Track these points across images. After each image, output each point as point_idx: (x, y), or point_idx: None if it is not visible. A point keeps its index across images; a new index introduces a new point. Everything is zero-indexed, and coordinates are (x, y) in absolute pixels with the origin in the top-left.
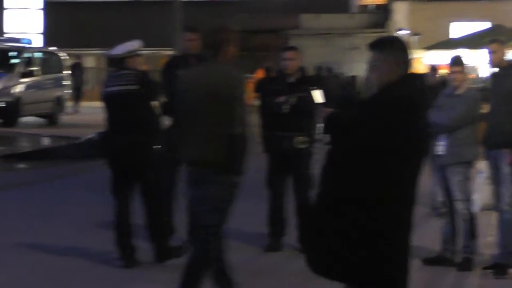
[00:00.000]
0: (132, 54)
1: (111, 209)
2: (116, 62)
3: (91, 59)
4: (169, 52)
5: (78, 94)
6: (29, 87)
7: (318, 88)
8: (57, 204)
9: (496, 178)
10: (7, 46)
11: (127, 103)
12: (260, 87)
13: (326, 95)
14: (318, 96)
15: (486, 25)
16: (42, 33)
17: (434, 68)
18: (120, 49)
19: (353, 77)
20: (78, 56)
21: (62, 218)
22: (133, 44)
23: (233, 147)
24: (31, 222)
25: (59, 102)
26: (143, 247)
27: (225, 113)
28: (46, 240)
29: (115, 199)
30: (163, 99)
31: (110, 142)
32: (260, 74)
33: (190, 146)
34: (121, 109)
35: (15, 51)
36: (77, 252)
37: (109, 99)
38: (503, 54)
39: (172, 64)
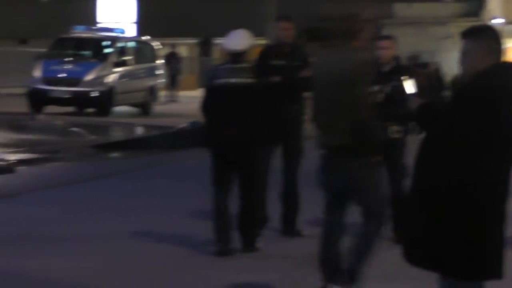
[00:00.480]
0: (250, 47)
1: (204, 198)
2: (234, 55)
3: (183, 49)
4: (261, 41)
5: (173, 83)
6: (122, 76)
7: (410, 77)
8: (149, 193)
9: None
10: (101, 36)
11: (243, 95)
12: None
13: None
14: (410, 85)
15: None
16: (135, 23)
17: None
18: (240, 42)
19: None
20: (173, 46)
21: (155, 207)
22: (249, 36)
23: (364, 131)
24: (124, 211)
25: (152, 91)
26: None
27: (356, 99)
28: (141, 229)
29: (216, 189)
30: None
31: (217, 133)
32: None
33: (325, 132)
34: (235, 101)
35: (108, 40)
36: (173, 240)
37: (223, 91)
38: None
39: (266, 54)
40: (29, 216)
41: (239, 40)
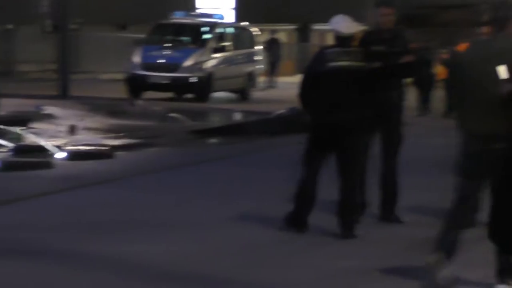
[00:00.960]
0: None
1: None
2: (343, 39)
3: (281, 35)
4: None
5: (273, 70)
6: (220, 62)
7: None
8: (247, 179)
9: None
10: (200, 22)
11: (351, 78)
12: None
13: None
14: (503, 71)
15: None
16: (234, 9)
17: None
18: (350, 26)
19: None
20: (272, 32)
21: (252, 193)
22: (354, 21)
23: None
24: (222, 197)
25: (250, 77)
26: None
27: None
28: (239, 214)
29: (307, 169)
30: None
31: (323, 116)
32: (463, 47)
33: (478, 120)
34: (344, 84)
35: (207, 26)
36: (271, 226)
37: (331, 74)
38: None
39: (366, 40)
40: (128, 201)
41: (349, 24)
